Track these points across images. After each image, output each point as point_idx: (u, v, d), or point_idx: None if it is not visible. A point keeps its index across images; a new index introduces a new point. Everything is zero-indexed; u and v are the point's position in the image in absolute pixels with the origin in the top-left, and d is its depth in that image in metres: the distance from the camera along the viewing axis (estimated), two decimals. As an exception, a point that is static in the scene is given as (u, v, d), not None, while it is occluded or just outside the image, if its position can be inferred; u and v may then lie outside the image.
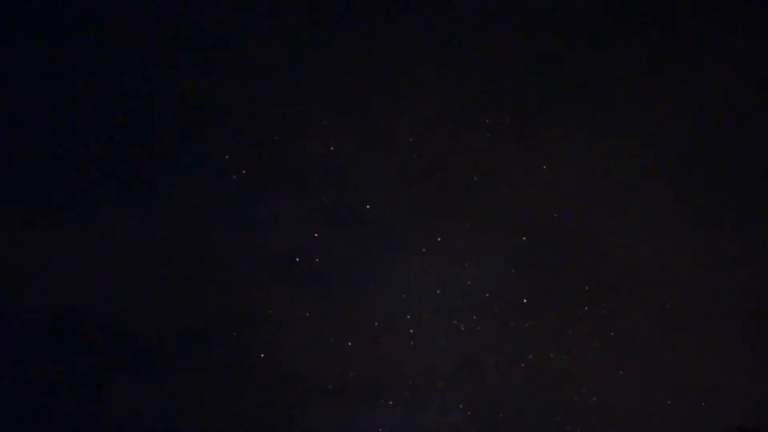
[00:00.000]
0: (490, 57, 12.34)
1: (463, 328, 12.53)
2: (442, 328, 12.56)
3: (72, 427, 11.63)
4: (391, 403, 12.32)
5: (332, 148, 12.38)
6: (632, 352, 12.38)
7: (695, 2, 12.25)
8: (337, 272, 12.54)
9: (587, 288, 12.56)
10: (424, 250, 12.64)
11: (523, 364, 12.45)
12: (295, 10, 12.14)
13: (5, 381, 11.56)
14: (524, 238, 12.64)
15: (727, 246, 12.45)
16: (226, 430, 11.93)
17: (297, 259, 12.40)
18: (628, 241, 12.62)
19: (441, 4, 12.25)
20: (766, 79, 12.41)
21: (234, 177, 12.12)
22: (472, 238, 12.62)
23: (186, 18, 11.99)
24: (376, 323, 12.41)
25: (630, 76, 12.41)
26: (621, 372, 12.32)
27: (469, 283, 12.62)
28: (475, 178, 12.56)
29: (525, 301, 12.56)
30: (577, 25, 12.28)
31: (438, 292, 12.62)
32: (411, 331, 12.48)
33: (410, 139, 12.49)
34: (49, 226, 11.82)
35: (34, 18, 11.78)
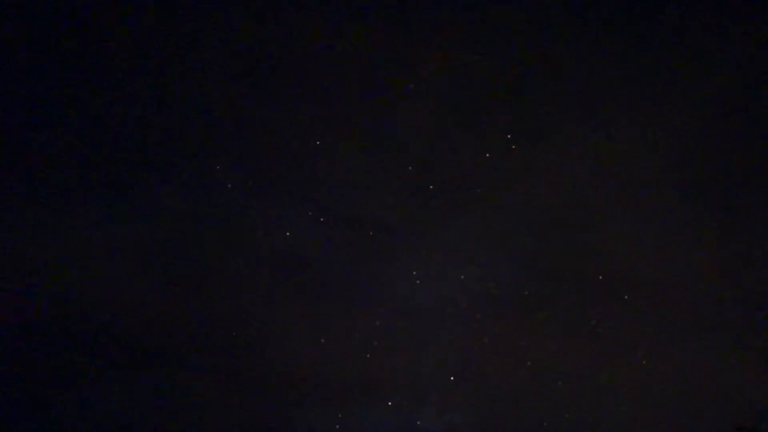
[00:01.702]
0: (490, 57, 12.35)
1: (463, 328, 12.59)
2: (443, 327, 12.59)
3: (72, 427, 11.65)
4: (391, 403, 12.36)
5: (332, 149, 12.40)
6: (633, 352, 12.40)
7: (697, 3, 12.24)
8: (336, 272, 12.58)
9: (588, 289, 12.57)
10: (424, 250, 12.70)
11: (523, 365, 12.48)
12: (291, 13, 12.14)
13: (5, 381, 11.58)
14: (525, 240, 12.67)
15: (728, 246, 12.45)
16: (225, 430, 11.96)
17: (296, 260, 12.44)
18: (630, 242, 12.62)
19: (441, 4, 12.26)
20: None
21: (230, 185, 12.18)
22: (472, 239, 12.65)
23: (184, 23, 11.99)
24: (376, 323, 12.45)
25: (632, 76, 12.40)
26: (621, 372, 12.35)
27: (469, 283, 12.65)
28: (476, 179, 12.57)
29: (525, 302, 12.59)
30: (578, 25, 12.28)
31: (438, 292, 12.65)
32: (411, 331, 12.54)
33: (410, 140, 12.51)
34: (50, 228, 11.84)
35: (33, 21, 11.79)
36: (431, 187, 12.53)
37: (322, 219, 12.46)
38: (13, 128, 11.83)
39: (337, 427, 12.18)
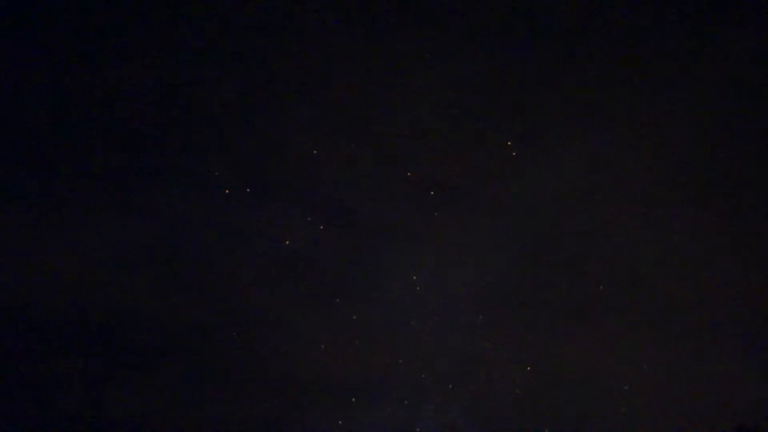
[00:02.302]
0: (490, 57, 12.42)
1: (463, 330, 12.59)
2: (442, 328, 12.58)
3: (72, 427, 11.62)
4: (390, 404, 12.32)
5: (331, 150, 12.45)
6: (632, 351, 12.38)
7: (698, 3, 12.34)
8: (336, 273, 12.57)
9: (588, 289, 12.58)
10: (423, 253, 12.71)
11: (523, 367, 12.46)
12: (288, 15, 12.24)
13: (6, 381, 11.57)
14: (525, 241, 12.68)
15: (728, 246, 12.48)
16: (226, 430, 11.92)
17: (296, 260, 12.45)
18: (630, 241, 12.64)
19: (440, 4, 12.36)
20: None
21: (227, 190, 12.20)
22: (472, 239, 12.65)
23: (183, 26, 12.08)
24: (375, 325, 12.45)
25: (632, 76, 12.47)
26: (621, 372, 12.33)
27: (469, 283, 12.65)
28: (475, 180, 12.61)
29: (525, 301, 12.59)
30: (578, 25, 12.37)
31: (438, 292, 12.65)
32: (411, 330, 12.53)
33: (409, 140, 12.56)
34: (51, 229, 11.87)
35: (33, 22, 11.88)
36: (432, 193, 12.59)
37: (322, 226, 12.51)
38: (14, 130, 11.91)
39: (338, 427, 12.16)
